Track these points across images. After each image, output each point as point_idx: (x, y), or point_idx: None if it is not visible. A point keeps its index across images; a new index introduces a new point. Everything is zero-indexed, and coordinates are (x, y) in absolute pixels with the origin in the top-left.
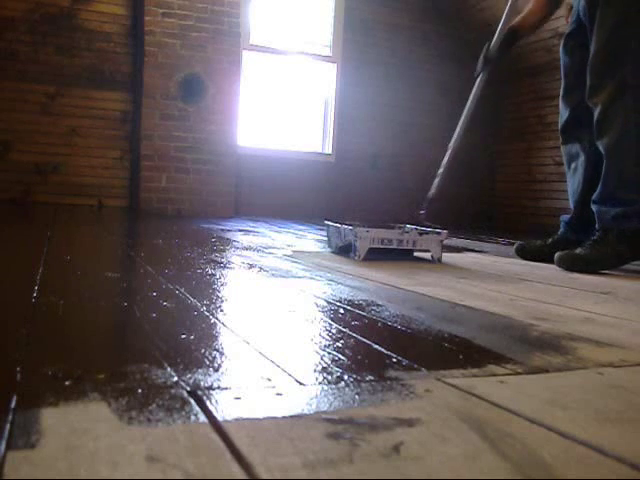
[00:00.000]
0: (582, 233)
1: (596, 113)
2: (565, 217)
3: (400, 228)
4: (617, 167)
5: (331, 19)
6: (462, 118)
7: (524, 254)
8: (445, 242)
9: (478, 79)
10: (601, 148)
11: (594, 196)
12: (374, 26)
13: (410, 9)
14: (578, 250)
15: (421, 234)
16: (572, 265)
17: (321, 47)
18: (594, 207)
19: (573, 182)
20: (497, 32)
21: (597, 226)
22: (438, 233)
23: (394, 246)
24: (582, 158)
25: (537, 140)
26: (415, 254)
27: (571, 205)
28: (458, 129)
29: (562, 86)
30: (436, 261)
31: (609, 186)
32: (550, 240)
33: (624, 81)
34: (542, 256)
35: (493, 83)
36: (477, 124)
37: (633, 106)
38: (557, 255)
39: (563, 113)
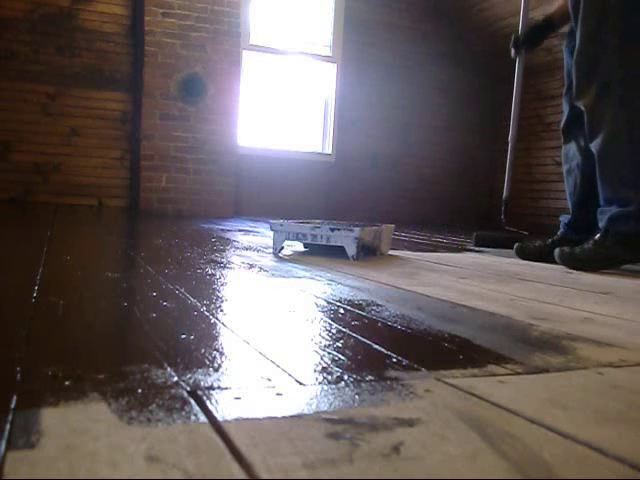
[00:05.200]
0: (583, 233)
1: (585, 115)
2: (565, 217)
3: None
4: (612, 166)
5: (331, 19)
6: (512, 108)
7: (524, 254)
8: (445, 241)
9: (516, 66)
10: (593, 150)
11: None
12: (374, 26)
13: (410, 9)
14: (577, 249)
15: (333, 230)
16: (569, 263)
17: (321, 47)
18: (598, 208)
19: (569, 183)
20: (521, 18)
21: (599, 225)
22: (351, 230)
23: (309, 241)
24: (578, 160)
25: (537, 140)
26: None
27: (569, 205)
28: (512, 120)
29: (565, 85)
30: (351, 259)
31: (607, 187)
32: (550, 240)
33: (607, 79)
34: (542, 256)
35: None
36: (477, 124)
37: (620, 103)
38: (557, 250)
39: (564, 112)
